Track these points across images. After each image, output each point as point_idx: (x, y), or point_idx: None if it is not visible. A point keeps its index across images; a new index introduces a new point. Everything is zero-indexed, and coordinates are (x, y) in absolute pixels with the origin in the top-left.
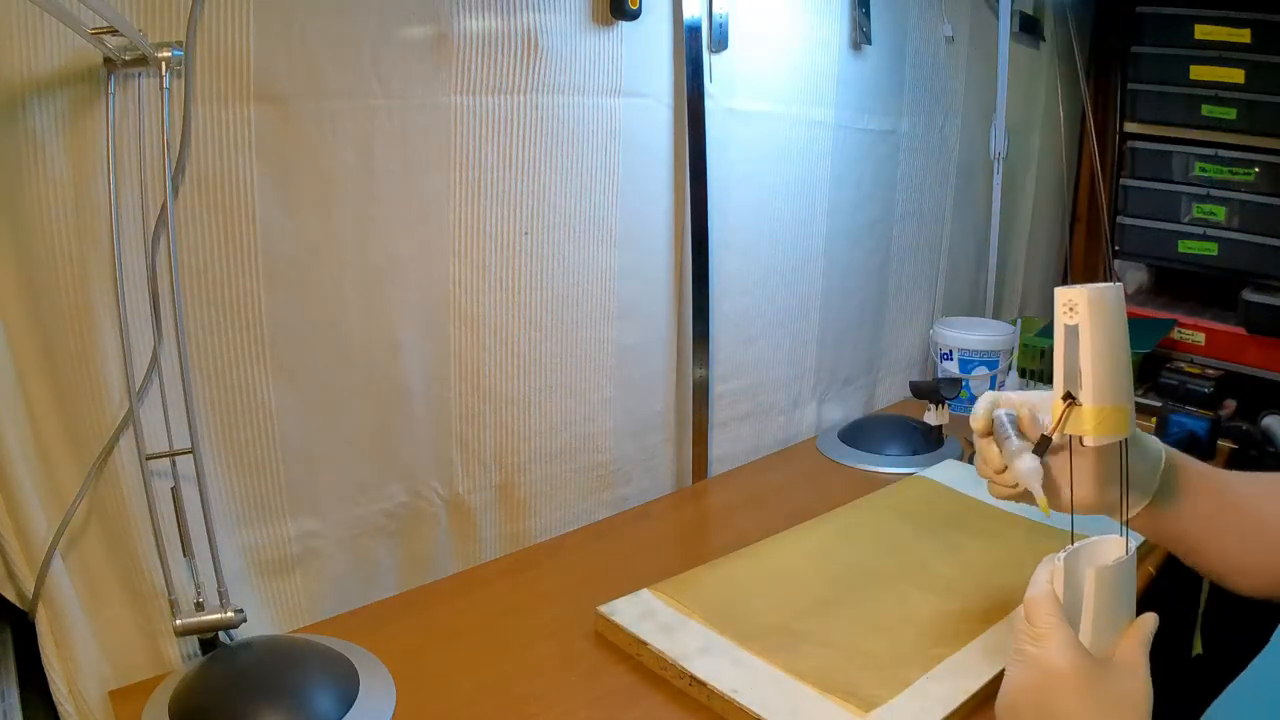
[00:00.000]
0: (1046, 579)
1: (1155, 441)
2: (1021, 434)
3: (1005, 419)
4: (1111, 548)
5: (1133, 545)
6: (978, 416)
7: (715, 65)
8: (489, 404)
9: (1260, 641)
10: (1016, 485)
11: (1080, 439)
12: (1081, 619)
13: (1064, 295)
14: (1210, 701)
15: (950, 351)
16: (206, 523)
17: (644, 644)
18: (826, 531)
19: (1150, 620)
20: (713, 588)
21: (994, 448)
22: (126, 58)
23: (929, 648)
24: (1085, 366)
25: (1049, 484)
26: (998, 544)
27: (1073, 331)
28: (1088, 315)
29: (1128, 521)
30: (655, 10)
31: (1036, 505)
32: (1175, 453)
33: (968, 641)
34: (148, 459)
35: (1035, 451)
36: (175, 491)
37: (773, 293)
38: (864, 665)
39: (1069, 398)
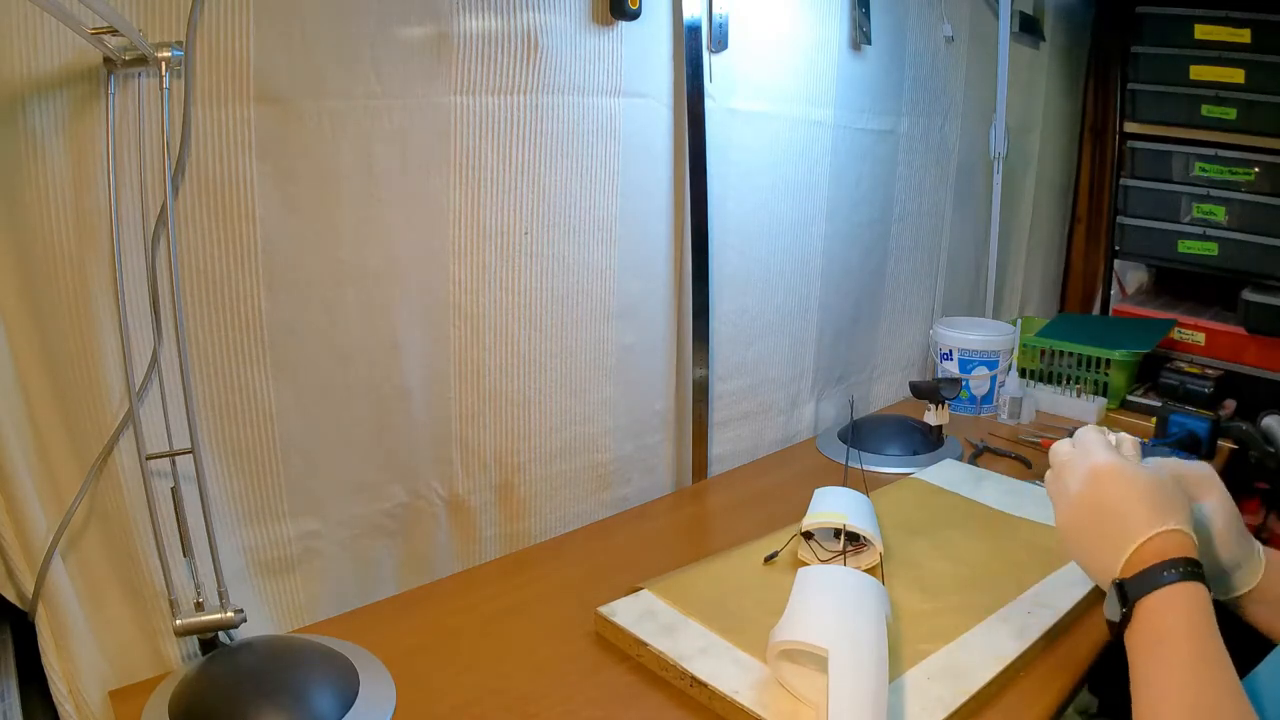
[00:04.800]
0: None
1: (1259, 548)
2: None
3: None
4: None
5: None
6: None
7: (715, 65)
8: (489, 404)
9: (1259, 642)
10: None
11: None
12: None
13: None
14: None
15: (950, 351)
16: (206, 523)
17: (644, 644)
18: None
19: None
20: (711, 588)
21: None
22: (126, 58)
23: (915, 644)
24: None
25: None
26: (993, 543)
27: None
28: None
29: None
30: (655, 10)
31: None
32: (1275, 554)
33: (954, 638)
34: (148, 459)
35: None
36: (175, 491)
37: (772, 292)
38: None
39: None
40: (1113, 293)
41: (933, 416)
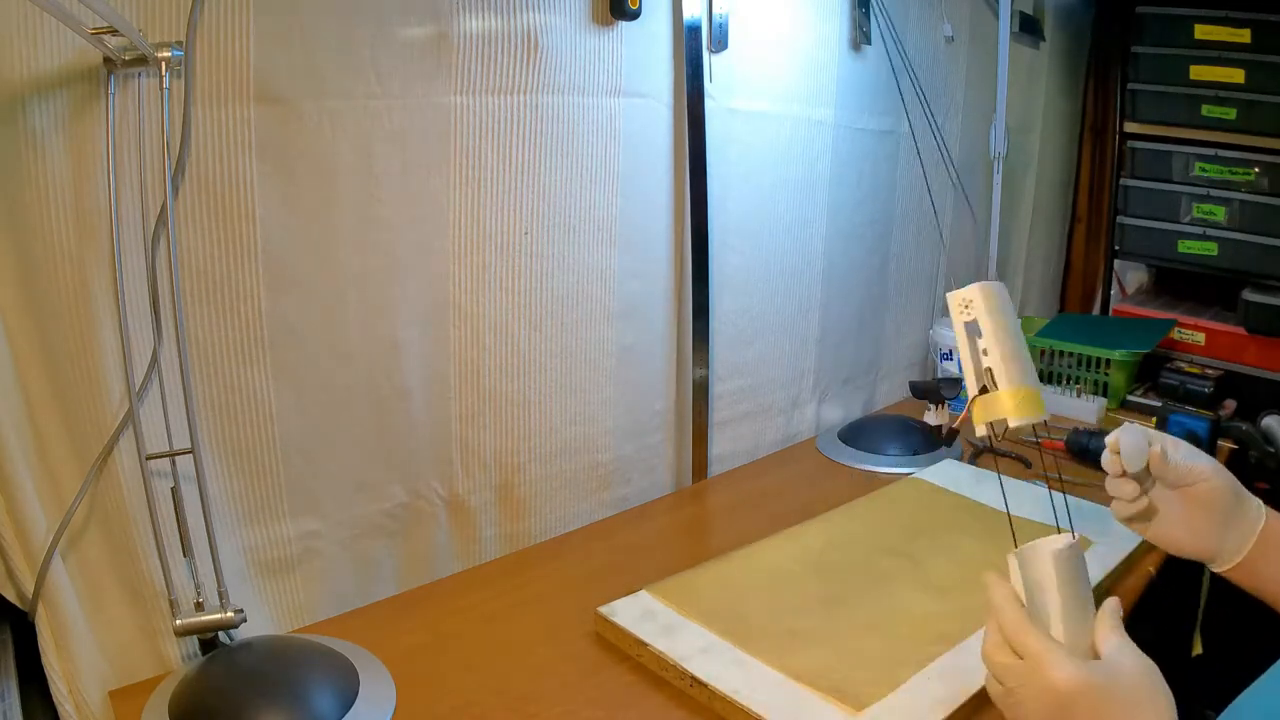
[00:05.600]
0: (1007, 595)
1: (1258, 504)
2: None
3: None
4: (1059, 543)
5: (1075, 538)
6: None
7: (715, 65)
8: (489, 404)
9: (1259, 642)
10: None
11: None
12: (1050, 611)
13: (956, 296)
14: (1209, 701)
15: (950, 351)
16: (206, 523)
17: (644, 645)
18: (822, 532)
19: (1114, 603)
20: (711, 589)
21: (1131, 484)
22: (126, 58)
23: (923, 646)
24: (993, 353)
25: (1153, 520)
26: (993, 543)
27: (973, 326)
28: (984, 307)
29: (1071, 524)
30: (655, 10)
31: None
32: (1275, 515)
33: (961, 640)
34: (148, 459)
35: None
36: (175, 491)
37: (773, 292)
38: (858, 665)
39: (983, 391)
40: (1113, 293)
41: (933, 416)
